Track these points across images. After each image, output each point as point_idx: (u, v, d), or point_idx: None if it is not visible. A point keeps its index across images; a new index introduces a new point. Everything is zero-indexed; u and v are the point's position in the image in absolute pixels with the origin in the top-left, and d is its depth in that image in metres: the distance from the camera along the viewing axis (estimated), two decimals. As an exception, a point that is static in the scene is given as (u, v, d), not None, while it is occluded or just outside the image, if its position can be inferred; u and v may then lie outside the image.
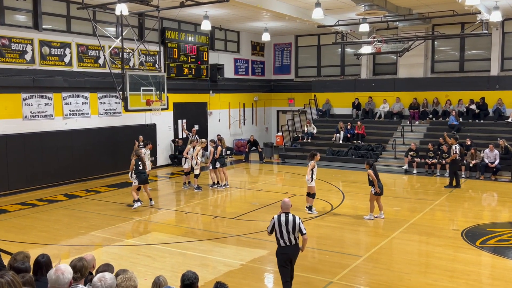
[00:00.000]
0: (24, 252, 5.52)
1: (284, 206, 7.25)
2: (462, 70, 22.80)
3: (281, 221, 7.05)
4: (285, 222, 7.05)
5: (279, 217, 7.12)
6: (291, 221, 7.06)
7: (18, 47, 15.37)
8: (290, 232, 7.03)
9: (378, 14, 17.37)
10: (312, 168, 12.68)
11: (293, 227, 7.04)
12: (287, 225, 7.03)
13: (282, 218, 7.08)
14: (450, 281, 8.25)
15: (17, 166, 15.35)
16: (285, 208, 7.23)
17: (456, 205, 14.08)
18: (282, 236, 7.05)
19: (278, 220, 7.07)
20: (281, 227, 7.03)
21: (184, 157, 16.26)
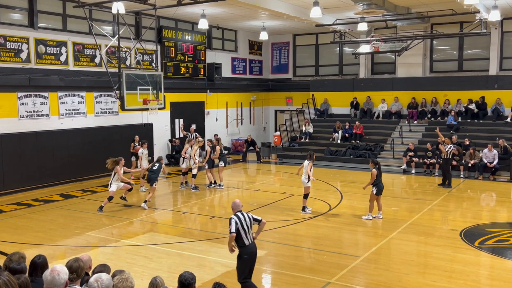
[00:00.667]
0: (20, 253, 5.46)
1: (236, 206, 7.29)
2: (461, 69, 22.77)
3: (241, 219, 7.09)
4: (244, 219, 7.12)
5: (238, 215, 7.12)
6: (247, 217, 7.17)
7: (13, 45, 15.25)
8: (249, 228, 7.15)
9: (377, 13, 17.30)
10: (311, 168, 12.62)
11: (250, 224, 7.17)
12: (246, 222, 7.12)
13: (241, 216, 7.13)
14: (449, 282, 8.20)
15: (12, 165, 15.23)
16: (237, 208, 7.28)
17: (455, 205, 14.04)
18: (245, 233, 7.10)
19: (239, 218, 7.09)
20: (243, 225, 7.06)
21: (182, 156, 16.18)
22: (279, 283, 8.35)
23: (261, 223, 7.38)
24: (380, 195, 12.23)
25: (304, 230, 11.46)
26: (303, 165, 12.86)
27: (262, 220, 7.38)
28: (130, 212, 13.22)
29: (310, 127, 23.44)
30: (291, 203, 14.15)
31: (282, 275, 8.64)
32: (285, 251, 10.00)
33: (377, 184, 12.06)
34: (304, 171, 12.69)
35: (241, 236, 7.07)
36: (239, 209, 7.27)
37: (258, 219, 7.33)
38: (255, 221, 7.29)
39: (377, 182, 12.06)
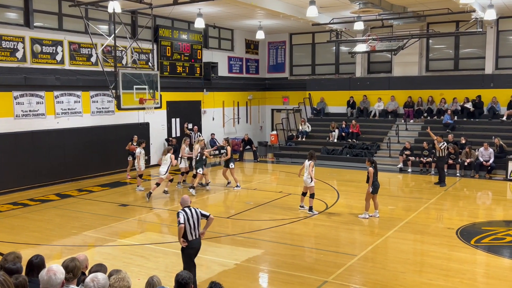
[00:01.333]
0: (15, 253, 5.43)
1: (184, 202, 7.48)
2: (457, 68, 22.82)
3: (188, 214, 7.24)
4: (191, 215, 7.26)
5: (185, 210, 7.28)
6: (194, 213, 7.32)
7: (9, 45, 15.19)
8: (195, 224, 7.30)
9: (373, 12, 17.32)
10: (312, 167, 12.62)
11: (198, 220, 7.33)
12: (193, 217, 7.26)
13: (188, 211, 7.28)
14: (445, 280, 8.22)
15: (8, 165, 15.17)
16: (185, 203, 7.45)
17: (451, 204, 14.07)
18: (190, 229, 7.26)
19: (186, 213, 7.24)
20: (189, 220, 7.21)
21: (180, 156, 16.15)
22: (276, 282, 8.35)
23: (209, 218, 7.51)
24: (376, 194, 12.24)
25: (301, 229, 11.47)
26: (304, 165, 12.83)
27: (210, 215, 7.52)
28: (126, 211, 13.19)
29: (307, 126, 23.44)
30: (288, 202, 14.15)
31: (279, 274, 8.64)
32: (282, 250, 10.00)
33: (373, 182, 12.08)
34: (306, 171, 12.66)
35: (186, 231, 7.23)
36: (187, 205, 7.43)
37: (206, 215, 7.47)
38: (203, 216, 7.44)
39: (373, 181, 12.08)
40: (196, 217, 7.32)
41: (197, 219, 7.33)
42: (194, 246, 7.39)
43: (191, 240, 7.31)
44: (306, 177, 12.66)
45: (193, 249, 7.40)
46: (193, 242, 7.33)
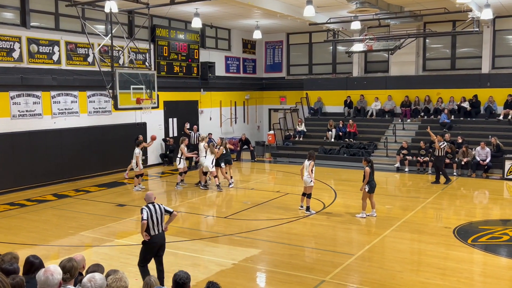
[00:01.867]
0: (12, 253, 5.43)
1: (148, 198, 7.72)
2: (454, 68, 22.86)
3: (151, 210, 7.48)
4: (155, 211, 7.50)
5: (148, 207, 7.53)
6: (158, 209, 7.55)
7: (5, 45, 15.14)
8: (159, 220, 7.53)
9: (370, 11, 17.32)
10: (312, 168, 12.62)
11: (161, 216, 7.56)
12: (156, 213, 7.50)
13: (152, 208, 7.52)
14: (442, 279, 8.24)
15: (5, 165, 15.13)
16: (149, 200, 7.68)
17: (448, 203, 14.10)
18: (153, 225, 7.47)
19: (150, 209, 7.48)
20: (152, 216, 7.45)
21: (179, 157, 16.05)
22: (274, 282, 8.36)
23: (172, 214, 7.75)
24: (372, 193, 12.26)
25: (298, 229, 11.48)
26: (304, 165, 12.83)
27: (173, 212, 7.77)
28: (124, 211, 13.18)
29: (302, 126, 23.46)
30: (285, 201, 14.16)
31: (277, 274, 8.64)
32: (280, 249, 10.01)
33: (369, 182, 12.09)
34: (306, 171, 12.67)
35: (149, 226, 7.45)
36: (151, 201, 7.66)
37: (170, 211, 7.72)
38: (166, 212, 7.68)
39: (370, 180, 12.09)
40: (159, 213, 7.55)
41: (160, 215, 7.56)
42: (156, 241, 7.59)
43: (154, 235, 7.53)
44: (306, 176, 12.66)
45: (155, 243, 7.60)
46: (155, 237, 7.55)
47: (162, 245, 7.76)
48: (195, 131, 21.05)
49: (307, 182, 12.65)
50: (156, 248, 7.66)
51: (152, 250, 7.64)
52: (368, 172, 12.06)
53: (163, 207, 7.67)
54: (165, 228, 7.78)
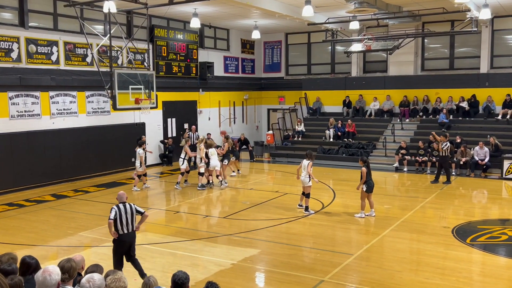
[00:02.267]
0: (10, 254, 5.42)
1: (119, 198, 7.96)
2: (452, 67, 22.88)
3: (121, 210, 7.73)
4: (125, 211, 7.76)
5: (118, 206, 7.78)
6: (129, 210, 7.81)
7: (4, 45, 15.12)
8: (128, 220, 7.76)
9: (368, 11, 17.35)
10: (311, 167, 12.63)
11: (132, 215, 7.80)
12: (126, 213, 7.75)
13: (122, 207, 7.78)
14: (441, 279, 8.24)
15: (3, 166, 15.11)
16: (121, 199, 7.92)
17: (447, 203, 14.11)
18: (122, 225, 7.73)
19: (119, 209, 7.73)
20: (122, 216, 7.70)
21: (181, 157, 16.07)
22: (273, 282, 8.36)
23: (143, 215, 8.02)
24: (371, 193, 12.26)
25: (297, 229, 11.48)
26: (302, 165, 12.81)
27: (144, 212, 8.05)
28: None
29: (301, 126, 23.47)
30: (284, 201, 14.16)
31: (276, 274, 8.64)
32: (279, 249, 10.01)
33: (367, 181, 12.09)
34: (304, 171, 12.65)
35: (117, 225, 7.73)
36: (123, 201, 7.90)
37: (141, 211, 7.99)
38: (138, 213, 7.94)
39: (367, 180, 12.10)
40: (130, 213, 7.78)
41: (131, 215, 7.79)
42: (125, 239, 7.84)
43: (122, 234, 7.78)
44: (304, 176, 12.65)
45: (124, 242, 7.85)
46: (124, 236, 7.80)
47: (131, 244, 7.97)
48: (193, 131, 21.04)
49: (305, 182, 12.65)
50: (126, 246, 7.88)
51: (122, 248, 7.88)
52: (365, 172, 12.06)
53: (134, 207, 7.90)
54: (137, 228, 8.02)
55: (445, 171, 16.83)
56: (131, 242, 7.95)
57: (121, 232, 7.78)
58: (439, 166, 17.01)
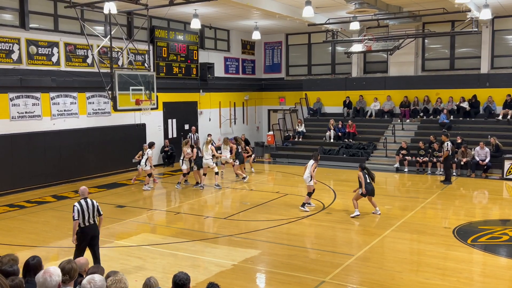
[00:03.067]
0: (11, 255, 5.43)
1: (81, 193, 8.37)
2: (453, 68, 22.87)
3: (83, 206, 8.13)
4: (86, 207, 8.15)
5: (80, 203, 8.17)
6: (90, 205, 8.20)
7: (4, 46, 15.14)
8: (90, 215, 8.17)
9: (369, 12, 17.36)
10: (315, 168, 12.74)
11: (93, 210, 8.19)
12: (88, 209, 8.15)
13: (84, 203, 8.16)
14: (442, 279, 8.24)
15: (4, 167, 15.12)
16: (82, 195, 8.33)
17: (448, 203, 14.10)
18: (84, 219, 8.12)
19: (81, 205, 8.13)
20: (84, 212, 8.11)
21: (182, 158, 16.29)
22: (273, 283, 8.36)
23: (100, 217, 8.41)
24: (372, 196, 12.35)
25: (298, 229, 11.48)
26: (308, 165, 12.98)
27: (101, 215, 8.42)
28: (123, 213, 13.17)
29: (302, 127, 23.47)
30: (285, 202, 14.16)
31: (276, 274, 8.64)
32: (279, 250, 10.01)
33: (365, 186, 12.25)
34: (308, 170, 12.80)
35: (80, 219, 8.12)
36: (85, 196, 8.28)
37: (100, 212, 8.35)
38: (97, 212, 8.31)
39: (366, 184, 12.26)
40: (91, 208, 8.18)
41: (92, 209, 8.18)
42: (88, 231, 8.19)
43: (83, 226, 8.16)
44: (306, 176, 12.81)
45: (86, 234, 8.20)
46: (85, 228, 8.17)
47: (94, 236, 8.30)
48: (194, 132, 21.05)
49: (306, 181, 12.80)
50: (88, 238, 8.23)
51: (84, 240, 8.21)
52: (361, 176, 12.24)
53: (96, 204, 8.28)
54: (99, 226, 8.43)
55: (445, 171, 16.86)
56: (93, 234, 8.29)
57: (83, 225, 8.13)
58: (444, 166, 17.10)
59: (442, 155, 16.96)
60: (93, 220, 8.23)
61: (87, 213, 8.13)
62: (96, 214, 8.29)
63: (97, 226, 8.37)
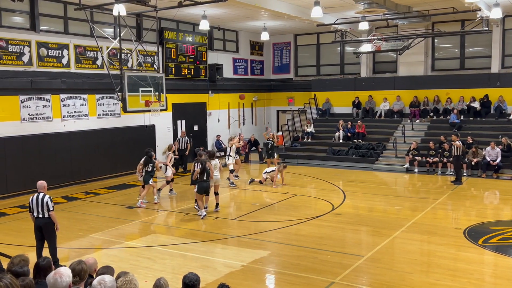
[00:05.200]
0: (22, 256, 5.46)
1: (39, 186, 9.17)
2: (463, 67, 22.71)
3: (34, 198, 8.99)
4: (36, 199, 8.97)
5: (33, 196, 9.05)
6: (40, 199, 8.95)
7: (15, 49, 15.28)
8: (38, 206, 8.94)
9: (378, 12, 17.28)
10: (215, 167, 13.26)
11: (41, 203, 8.92)
12: (38, 201, 8.95)
13: (35, 196, 9.02)
14: (453, 280, 8.18)
15: (15, 168, 15.26)
16: (39, 188, 9.14)
17: (458, 204, 14.00)
18: (33, 210, 8.98)
19: (33, 199, 9.01)
20: (33, 203, 8.98)
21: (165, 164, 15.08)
22: (283, 284, 8.35)
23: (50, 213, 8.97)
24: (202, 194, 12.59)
25: (307, 230, 11.45)
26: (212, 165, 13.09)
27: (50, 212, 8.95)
28: (133, 213, 13.23)
29: (311, 127, 23.43)
30: (294, 203, 14.14)
31: (285, 275, 8.63)
32: (288, 251, 10.00)
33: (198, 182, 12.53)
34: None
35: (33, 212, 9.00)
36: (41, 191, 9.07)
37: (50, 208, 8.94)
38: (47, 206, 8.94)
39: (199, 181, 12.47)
40: (41, 201, 8.91)
41: (41, 203, 8.91)
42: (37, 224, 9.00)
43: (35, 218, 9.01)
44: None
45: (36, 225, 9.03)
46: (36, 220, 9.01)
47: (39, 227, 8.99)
48: (183, 135, 20.05)
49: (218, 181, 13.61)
50: (37, 228, 9.01)
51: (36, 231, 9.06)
52: (197, 171, 12.46)
53: (47, 199, 8.93)
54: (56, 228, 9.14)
55: (455, 171, 16.75)
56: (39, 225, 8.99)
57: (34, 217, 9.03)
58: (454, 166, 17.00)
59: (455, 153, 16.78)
60: (42, 214, 8.93)
61: (35, 205, 8.94)
62: (44, 205, 8.93)
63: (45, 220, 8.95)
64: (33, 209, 9.00)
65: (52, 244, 9.12)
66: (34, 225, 9.07)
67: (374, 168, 19.83)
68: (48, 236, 9.11)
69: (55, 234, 9.17)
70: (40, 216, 8.97)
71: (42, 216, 8.97)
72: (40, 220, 8.99)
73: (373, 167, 19.87)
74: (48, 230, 9.06)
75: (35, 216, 9.01)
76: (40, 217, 8.98)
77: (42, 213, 8.96)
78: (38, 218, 9.00)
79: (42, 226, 9.02)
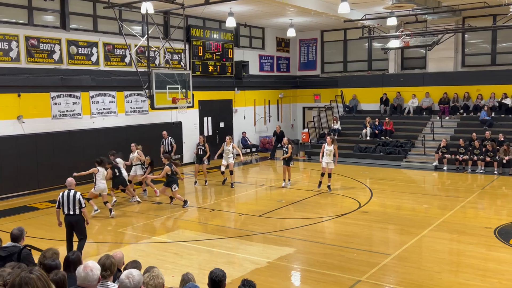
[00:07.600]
0: (53, 249, 5.57)
1: (67, 183, 9.29)
2: (494, 63, 22.18)
3: (64, 195, 9.07)
4: (67, 196, 9.05)
5: (63, 194, 9.11)
6: (72, 196, 9.05)
7: (46, 47, 15.62)
8: (70, 204, 9.02)
9: (406, 7, 17.01)
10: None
11: (73, 200, 9.00)
12: (69, 199, 9.03)
13: (66, 193, 9.08)
14: (483, 281, 8.01)
15: (46, 164, 15.61)
16: (68, 186, 9.21)
17: (489, 203, 13.71)
18: (64, 207, 9.06)
19: (63, 196, 9.09)
20: (64, 201, 9.04)
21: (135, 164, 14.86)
22: (309, 281, 8.32)
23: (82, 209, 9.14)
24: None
25: (333, 228, 11.39)
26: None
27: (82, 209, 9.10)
28: (161, 209, 13.38)
29: (337, 124, 23.24)
30: (319, 200, 14.07)
31: (312, 273, 8.60)
32: (314, 248, 9.95)
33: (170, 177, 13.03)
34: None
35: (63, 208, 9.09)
36: (70, 187, 9.15)
37: (82, 205, 9.08)
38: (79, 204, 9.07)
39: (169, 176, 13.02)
40: (72, 199, 9.00)
41: (73, 200, 9.00)
42: (68, 220, 9.13)
43: (65, 214, 9.13)
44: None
45: (66, 222, 9.17)
46: (66, 217, 9.14)
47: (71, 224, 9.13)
48: (165, 137, 17.80)
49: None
50: (68, 225, 9.16)
51: (66, 227, 9.21)
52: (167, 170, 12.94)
53: (78, 196, 9.02)
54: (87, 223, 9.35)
55: None
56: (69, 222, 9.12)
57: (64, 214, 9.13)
58: None
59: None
60: (72, 211, 9.03)
61: (66, 202, 9.01)
62: (75, 202, 9.02)
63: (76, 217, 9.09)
64: (64, 206, 9.07)
65: (82, 240, 9.26)
66: (65, 222, 9.19)
67: (402, 165, 19.56)
68: (79, 232, 9.25)
69: (85, 230, 9.33)
70: (71, 213, 9.06)
71: (73, 213, 9.06)
72: (71, 217, 9.10)
73: (401, 165, 19.61)
74: (80, 226, 9.20)
75: (65, 213, 9.10)
76: (71, 214, 9.07)
77: (73, 210, 9.05)
78: (68, 215, 9.09)
79: (73, 223, 9.13)
